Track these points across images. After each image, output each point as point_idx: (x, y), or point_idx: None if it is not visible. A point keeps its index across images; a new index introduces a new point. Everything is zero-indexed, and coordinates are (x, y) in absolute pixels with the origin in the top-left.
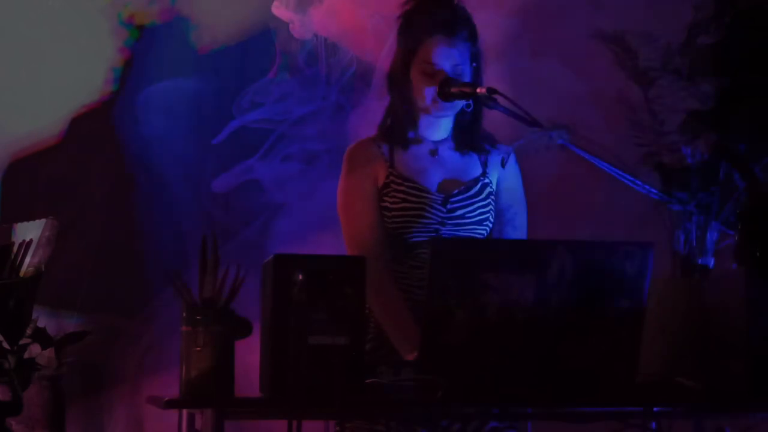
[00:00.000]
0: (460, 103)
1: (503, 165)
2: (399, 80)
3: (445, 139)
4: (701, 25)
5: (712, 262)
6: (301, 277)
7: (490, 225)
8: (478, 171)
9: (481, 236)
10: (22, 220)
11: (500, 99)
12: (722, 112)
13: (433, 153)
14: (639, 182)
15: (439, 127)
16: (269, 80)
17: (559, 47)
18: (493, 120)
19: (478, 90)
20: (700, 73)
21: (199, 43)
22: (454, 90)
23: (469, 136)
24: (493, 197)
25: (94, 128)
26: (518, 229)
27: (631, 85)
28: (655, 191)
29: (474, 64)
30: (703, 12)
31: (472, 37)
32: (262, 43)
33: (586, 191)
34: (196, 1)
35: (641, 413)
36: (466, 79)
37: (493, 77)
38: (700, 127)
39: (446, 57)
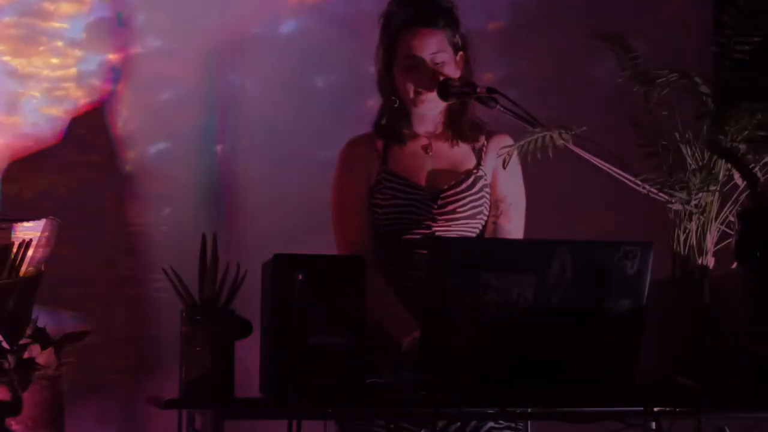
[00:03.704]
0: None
1: (504, 166)
2: (385, 78)
3: (440, 133)
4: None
5: (712, 262)
6: (301, 277)
7: (485, 218)
8: (472, 163)
9: (475, 230)
10: (22, 220)
11: (500, 99)
12: (722, 112)
13: (427, 148)
14: (639, 182)
15: (432, 122)
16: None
17: (559, 47)
18: (492, 120)
19: (477, 90)
20: (700, 73)
21: (199, 42)
22: (454, 90)
23: (458, 125)
24: (487, 190)
25: (94, 128)
26: (513, 221)
27: (632, 85)
28: (655, 191)
29: (460, 53)
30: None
31: (450, 24)
32: (262, 42)
33: (587, 191)
34: (196, 1)
35: (641, 413)
36: (449, 68)
37: (492, 77)
38: (700, 127)
39: (423, 47)
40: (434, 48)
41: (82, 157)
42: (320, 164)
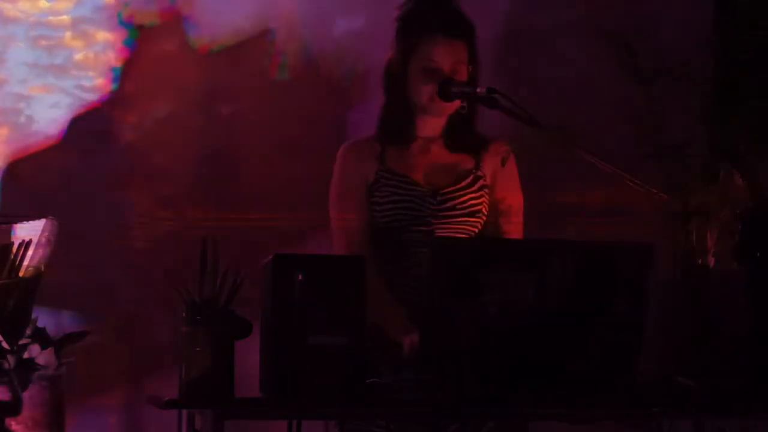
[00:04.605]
0: (456, 103)
1: (503, 164)
2: (396, 78)
3: (438, 136)
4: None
5: (712, 262)
6: (301, 277)
7: (484, 218)
8: (471, 164)
9: (475, 228)
10: (22, 220)
11: (500, 99)
12: (722, 112)
13: (425, 148)
14: (639, 182)
15: (433, 125)
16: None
17: (559, 46)
18: (492, 120)
19: (478, 90)
20: (700, 73)
21: (198, 42)
22: (454, 90)
23: (461, 137)
24: (486, 190)
25: (94, 128)
26: (514, 223)
27: (632, 85)
28: (655, 191)
29: (470, 67)
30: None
31: (471, 39)
32: (262, 42)
33: (586, 191)
34: (196, 0)
35: (641, 413)
36: (462, 79)
37: (492, 76)
38: (700, 128)
39: (445, 56)
40: (455, 60)
41: (82, 157)
42: (337, 125)
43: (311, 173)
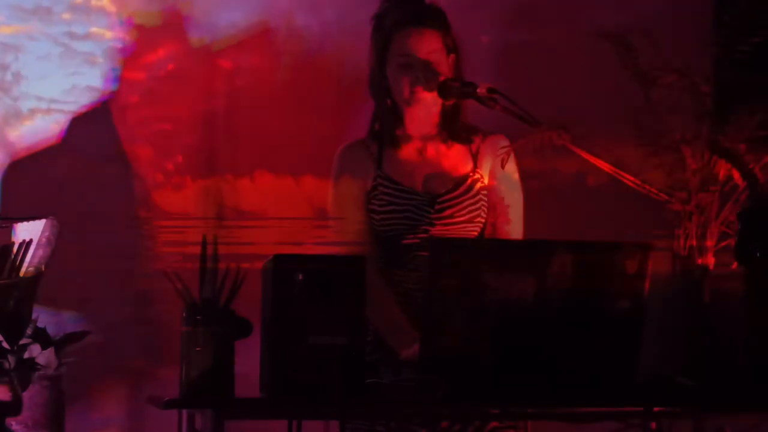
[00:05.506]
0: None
1: (503, 167)
2: (378, 80)
3: (434, 135)
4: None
5: (712, 262)
6: (301, 277)
7: (483, 221)
8: (469, 166)
9: (474, 232)
10: (22, 220)
11: (500, 98)
12: (722, 112)
13: (421, 151)
14: (639, 182)
15: (425, 123)
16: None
17: (560, 46)
18: (492, 120)
19: (478, 90)
20: (701, 73)
21: (199, 42)
22: (454, 89)
23: (453, 127)
24: (484, 192)
25: (94, 128)
26: (513, 222)
27: (632, 85)
28: (655, 191)
29: (452, 55)
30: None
31: (443, 26)
32: (262, 42)
33: (586, 191)
34: (196, 0)
35: (641, 413)
36: (442, 68)
37: (492, 76)
38: (700, 127)
39: (418, 46)
40: (429, 47)
41: (82, 157)
42: (337, 123)
43: (311, 173)
